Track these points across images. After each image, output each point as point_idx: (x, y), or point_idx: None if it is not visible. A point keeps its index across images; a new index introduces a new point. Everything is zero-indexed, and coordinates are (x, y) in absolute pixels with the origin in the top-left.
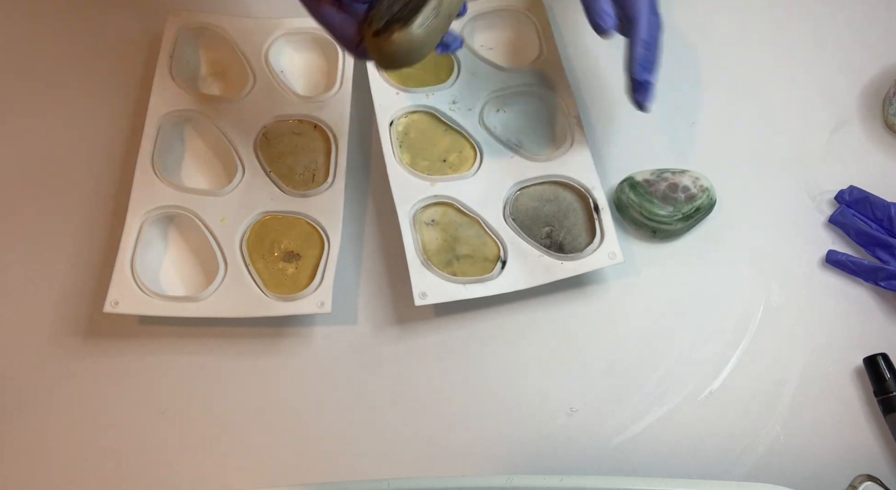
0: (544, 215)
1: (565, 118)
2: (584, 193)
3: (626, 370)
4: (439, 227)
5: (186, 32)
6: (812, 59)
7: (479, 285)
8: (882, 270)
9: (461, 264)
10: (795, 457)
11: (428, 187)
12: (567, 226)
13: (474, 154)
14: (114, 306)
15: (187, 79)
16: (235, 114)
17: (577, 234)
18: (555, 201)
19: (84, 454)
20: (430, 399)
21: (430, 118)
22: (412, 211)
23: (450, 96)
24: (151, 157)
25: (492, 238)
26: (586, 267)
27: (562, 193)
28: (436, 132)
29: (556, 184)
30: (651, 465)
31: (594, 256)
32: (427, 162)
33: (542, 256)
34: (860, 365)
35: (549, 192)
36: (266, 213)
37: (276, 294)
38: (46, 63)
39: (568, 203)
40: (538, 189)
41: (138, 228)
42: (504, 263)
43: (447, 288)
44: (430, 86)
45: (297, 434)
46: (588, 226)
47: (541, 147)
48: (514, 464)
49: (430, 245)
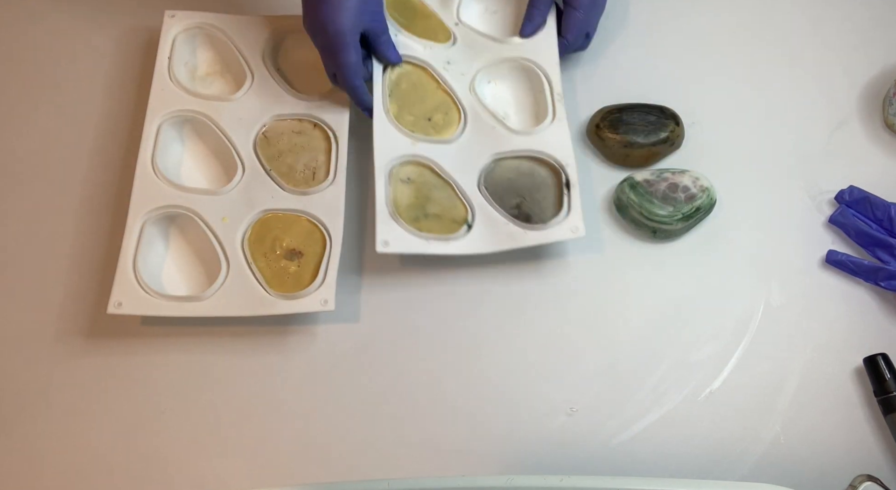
0: (517, 188)
1: (550, 94)
2: (557, 169)
3: (626, 370)
4: (413, 186)
5: (183, 32)
6: (812, 59)
7: (442, 243)
8: (882, 270)
9: (428, 221)
10: (795, 457)
11: (409, 145)
12: (538, 199)
13: (459, 118)
14: (117, 307)
15: (186, 79)
16: (234, 113)
17: (545, 207)
18: (529, 175)
19: (86, 454)
20: (430, 399)
21: (423, 72)
22: (390, 166)
23: (446, 56)
24: (151, 157)
25: (462, 202)
26: (548, 238)
27: (537, 169)
28: (426, 88)
29: (532, 159)
30: (651, 465)
31: (557, 228)
32: (413, 117)
33: (507, 224)
34: (860, 365)
35: (525, 166)
36: (267, 212)
37: (278, 292)
38: (42, 64)
39: (542, 179)
40: (515, 162)
41: (139, 229)
42: (470, 227)
43: (410, 240)
44: (429, 40)
45: (297, 434)
46: (557, 201)
47: (524, 120)
48: (514, 464)
49: (401, 200)
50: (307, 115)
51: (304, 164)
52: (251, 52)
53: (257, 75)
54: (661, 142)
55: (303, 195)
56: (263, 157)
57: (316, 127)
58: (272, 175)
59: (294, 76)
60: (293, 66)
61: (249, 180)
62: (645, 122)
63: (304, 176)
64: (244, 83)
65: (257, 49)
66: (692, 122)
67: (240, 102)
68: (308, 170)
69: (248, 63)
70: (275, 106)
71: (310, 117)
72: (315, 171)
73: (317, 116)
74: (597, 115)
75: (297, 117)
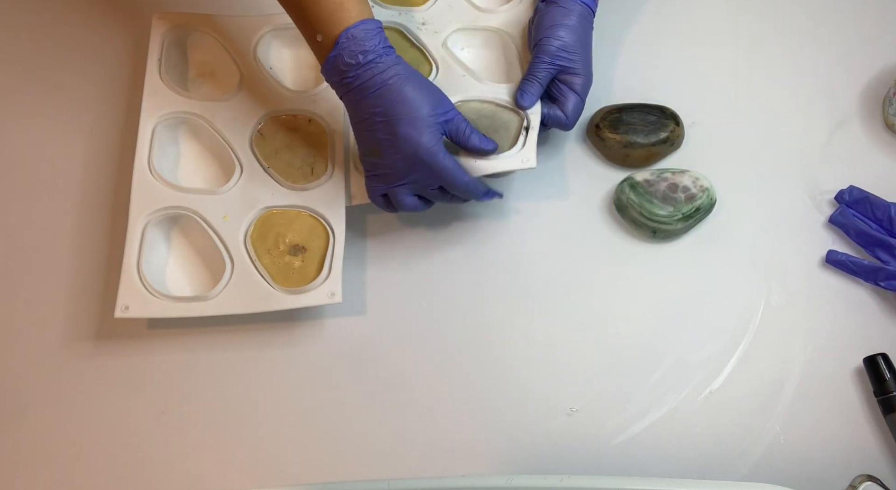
0: (477, 128)
1: (523, 63)
2: (520, 115)
3: (626, 370)
4: None
5: (173, 34)
6: (812, 59)
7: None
8: (882, 270)
9: None
10: (795, 457)
11: None
12: (495, 139)
13: (430, 70)
14: (124, 311)
15: (177, 81)
16: (228, 113)
17: (502, 146)
18: (490, 118)
19: (95, 454)
20: (430, 399)
21: (397, 35)
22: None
23: (420, 18)
24: (148, 159)
25: None
26: (499, 166)
27: (500, 112)
28: (399, 47)
29: (496, 105)
30: (651, 465)
31: (509, 159)
32: None
33: (459, 158)
34: (860, 365)
35: (487, 109)
36: (268, 209)
37: (284, 288)
38: (32, 70)
39: (502, 122)
40: (477, 105)
41: (141, 231)
42: None
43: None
44: (404, 6)
45: (298, 433)
46: (514, 141)
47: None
48: (514, 464)
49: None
50: (302, 111)
51: (302, 159)
52: (241, 51)
53: (249, 74)
54: (661, 142)
55: (303, 190)
56: (261, 154)
57: (311, 122)
58: (270, 172)
59: (286, 73)
60: (284, 63)
61: (248, 179)
62: (645, 122)
63: (303, 171)
64: (236, 82)
65: (247, 48)
66: (692, 122)
67: (233, 102)
68: (306, 165)
69: (238, 62)
70: (269, 103)
71: (304, 112)
72: (313, 166)
73: (311, 111)
74: (597, 114)
75: (291, 113)
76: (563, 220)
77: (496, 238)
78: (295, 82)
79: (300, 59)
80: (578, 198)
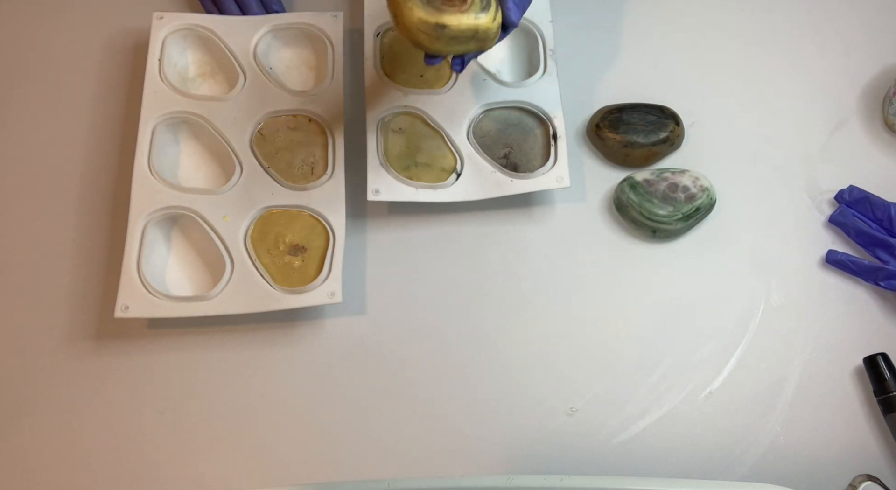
0: (505, 138)
1: (542, 49)
2: (545, 121)
3: (626, 370)
4: (405, 136)
5: (172, 34)
6: (812, 59)
7: (431, 191)
8: (882, 270)
9: (418, 170)
10: (795, 457)
11: (400, 97)
12: (525, 150)
13: (450, 73)
14: (124, 311)
15: (177, 81)
16: (229, 113)
17: (532, 157)
18: (518, 126)
19: (95, 454)
20: (430, 399)
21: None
22: (381, 116)
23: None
24: (148, 159)
25: (451, 151)
26: (534, 186)
27: (525, 119)
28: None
29: (521, 110)
30: (651, 465)
31: (543, 178)
32: (405, 75)
33: (494, 173)
34: (860, 365)
35: (513, 117)
36: (268, 209)
37: (284, 287)
38: (32, 70)
39: (529, 129)
40: (503, 113)
41: (141, 231)
42: (458, 175)
43: (401, 189)
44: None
45: (298, 432)
46: (544, 152)
47: (516, 75)
48: (514, 464)
49: (392, 149)
50: (302, 111)
51: (302, 159)
52: (241, 50)
53: (249, 74)
54: (661, 142)
55: (302, 190)
56: (261, 154)
57: (311, 121)
58: (270, 172)
59: (286, 73)
60: (284, 63)
61: (248, 178)
62: (645, 122)
63: (303, 171)
64: (236, 82)
65: (247, 47)
66: (692, 122)
67: (233, 102)
68: (306, 165)
69: (238, 62)
70: (268, 103)
71: (304, 112)
72: (313, 166)
73: (311, 111)
74: (597, 114)
75: (291, 113)
76: (562, 219)
77: (496, 238)
78: (295, 82)
79: (300, 59)
80: (578, 197)
